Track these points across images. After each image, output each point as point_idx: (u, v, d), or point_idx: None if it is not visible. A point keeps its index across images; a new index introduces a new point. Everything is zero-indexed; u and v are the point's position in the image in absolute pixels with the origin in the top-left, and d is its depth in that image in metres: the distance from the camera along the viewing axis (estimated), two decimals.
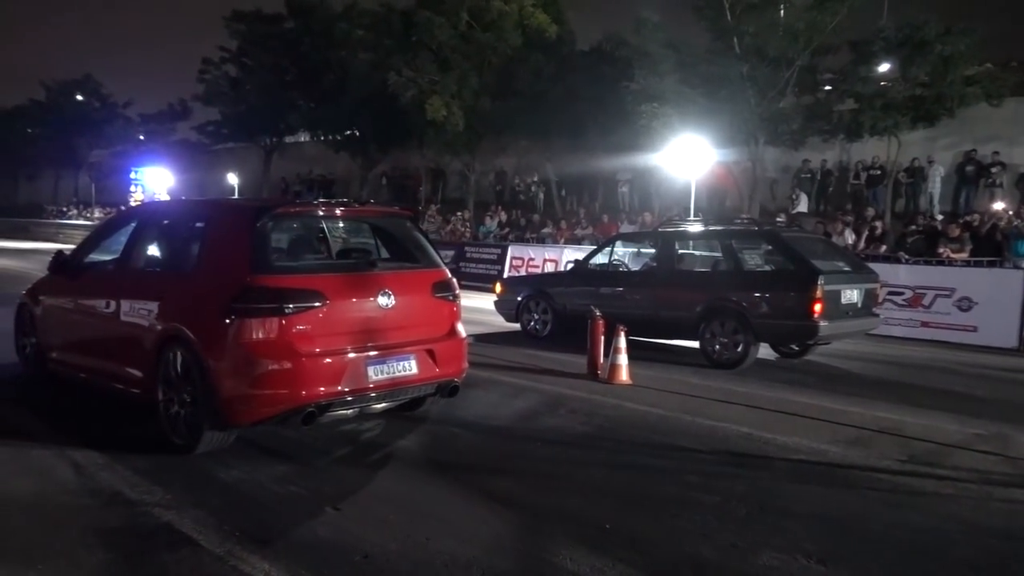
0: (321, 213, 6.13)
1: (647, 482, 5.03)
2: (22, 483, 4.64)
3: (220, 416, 5.04)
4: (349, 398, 5.19)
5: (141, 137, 46.94)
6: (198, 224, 5.93)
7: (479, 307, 13.87)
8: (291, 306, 4.99)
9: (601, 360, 8.24)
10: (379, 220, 6.36)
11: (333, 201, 6.29)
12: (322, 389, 5.05)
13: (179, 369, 5.27)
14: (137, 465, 4.97)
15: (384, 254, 6.17)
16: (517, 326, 11.24)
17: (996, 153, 18.33)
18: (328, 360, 5.10)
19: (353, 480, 4.90)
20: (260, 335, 4.94)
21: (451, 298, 6.00)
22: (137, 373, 5.68)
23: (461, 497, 4.63)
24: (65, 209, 45.76)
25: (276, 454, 5.40)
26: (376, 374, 5.30)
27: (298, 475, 4.92)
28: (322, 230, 6.51)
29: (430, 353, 5.64)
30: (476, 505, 4.50)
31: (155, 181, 34.90)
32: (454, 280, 6.08)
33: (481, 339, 10.62)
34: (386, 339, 5.42)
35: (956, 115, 17.59)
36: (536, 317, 11.02)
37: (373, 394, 5.33)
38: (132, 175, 36.42)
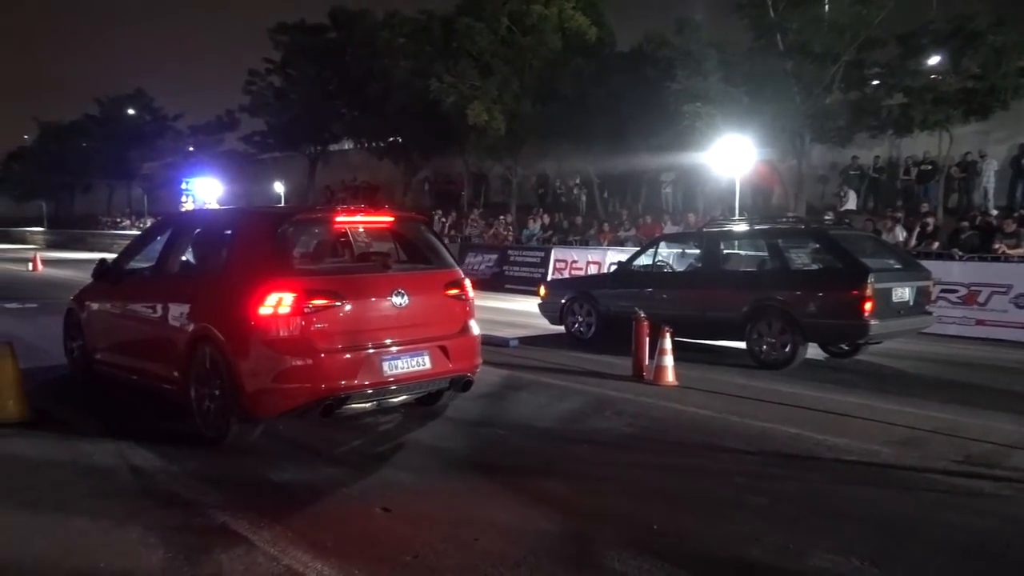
0: (339, 219, 6.38)
1: (695, 483, 5.01)
2: (85, 485, 4.80)
3: (245, 409, 5.39)
4: (366, 391, 5.48)
5: (190, 148, 48.08)
6: (225, 231, 6.38)
7: (523, 310, 13.92)
8: (310, 306, 5.32)
9: (646, 361, 8.20)
10: (395, 225, 6.62)
11: (351, 207, 6.55)
12: (340, 383, 5.34)
13: (209, 366, 5.61)
14: (191, 467, 5.12)
15: (402, 256, 6.52)
16: (561, 328, 11.24)
17: None
18: (345, 356, 5.41)
19: (402, 481, 4.97)
20: (281, 333, 5.27)
21: (463, 297, 6.26)
22: (172, 371, 6.02)
23: (509, 498, 4.66)
24: (119, 220, 47.09)
25: (327, 457, 5.50)
26: (391, 369, 5.58)
27: (348, 477, 5.00)
28: (345, 235, 6.72)
29: (443, 349, 5.90)
30: (524, 506, 4.52)
31: (205, 191, 35.69)
32: (466, 280, 6.36)
33: (526, 342, 10.66)
34: (401, 336, 5.71)
35: (1010, 107, 17.09)
36: (580, 319, 11.01)
37: (389, 388, 5.61)
38: (183, 185, 37.32)
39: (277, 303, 5.26)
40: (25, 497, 4.59)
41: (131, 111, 50.53)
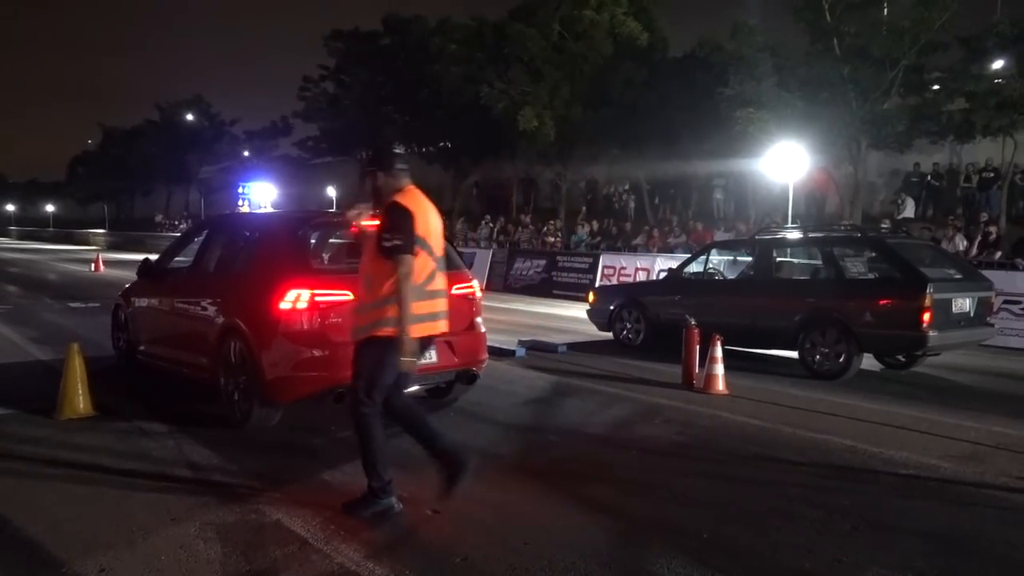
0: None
1: (746, 493, 4.95)
2: (148, 480, 4.96)
3: (266, 395, 5.87)
4: None
5: (246, 153, 49.18)
6: (254, 233, 7.02)
7: (572, 316, 13.92)
8: (324, 301, 5.79)
9: (696, 370, 8.13)
10: None
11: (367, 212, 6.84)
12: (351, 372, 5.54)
13: (236, 356, 6.13)
14: (250, 464, 5.24)
15: None
16: (610, 335, 11.21)
17: None
18: None
19: None
20: (299, 327, 5.77)
21: (470, 297, 6.67)
22: (204, 361, 6.56)
23: (558, 504, 4.66)
24: (177, 222, 48.33)
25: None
26: None
27: (399, 479, 5.01)
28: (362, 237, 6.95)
29: (449, 344, 6.21)
30: (573, 512, 4.53)
31: (261, 195, 36.45)
32: (475, 280, 6.82)
33: (574, 348, 10.65)
34: None
35: None
36: (629, 326, 10.95)
37: None
38: (240, 189, 38.17)
39: (295, 299, 5.74)
40: (91, 489, 4.76)
41: (190, 116, 51.90)
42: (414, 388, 6.17)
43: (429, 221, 4.44)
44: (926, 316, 8.10)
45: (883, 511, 4.62)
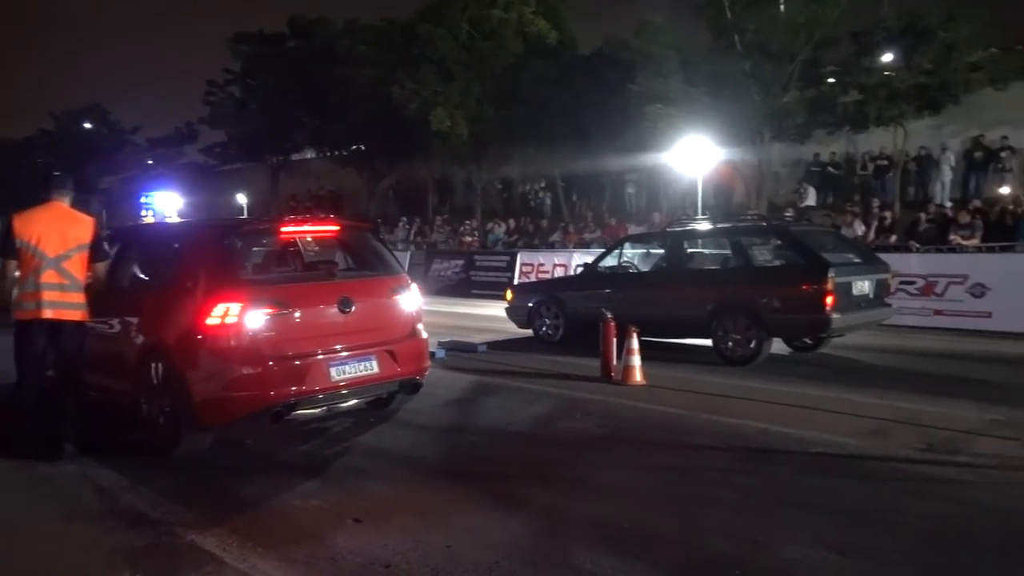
0: (285, 230, 6.41)
1: (666, 481, 5.05)
2: (51, 509, 4.69)
3: (195, 418, 5.46)
4: (315, 397, 5.57)
5: (150, 162, 47.34)
6: (173, 244, 6.51)
7: (491, 315, 13.93)
8: (256, 316, 5.41)
9: (614, 362, 8.25)
10: (341, 233, 6.67)
11: (297, 218, 6.61)
12: (288, 390, 5.43)
13: (159, 378, 5.68)
14: (159, 485, 5.02)
15: (349, 264, 6.64)
16: (529, 332, 11.26)
17: (1004, 138, 18.23)
18: (293, 363, 5.51)
19: (373, 491, 4.94)
20: (228, 343, 5.35)
21: (410, 302, 6.36)
22: (124, 384, 6.05)
23: (481, 503, 4.65)
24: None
25: (296, 469, 5.45)
26: (339, 374, 5.68)
27: (319, 489, 4.96)
28: (294, 244, 6.77)
29: (391, 353, 5.99)
30: (496, 511, 4.52)
31: (165, 204, 35.15)
32: (413, 285, 6.50)
33: (494, 346, 10.66)
34: (348, 342, 5.80)
35: (961, 102, 17.50)
36: (548, 322, 11.03)
37: (338, 392, 5.69)
38: (143, 199, 36.72)
39: (224, 313, 5.35)
40: None
41: (88, 125, 49.61)
42: (353, 402, 5.97)
43: (38, 229, 5.40)
44: (829, 300, 8.43)
45: (796, 490, 4.79)
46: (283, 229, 6.41)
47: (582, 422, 6.62)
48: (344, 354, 5.71)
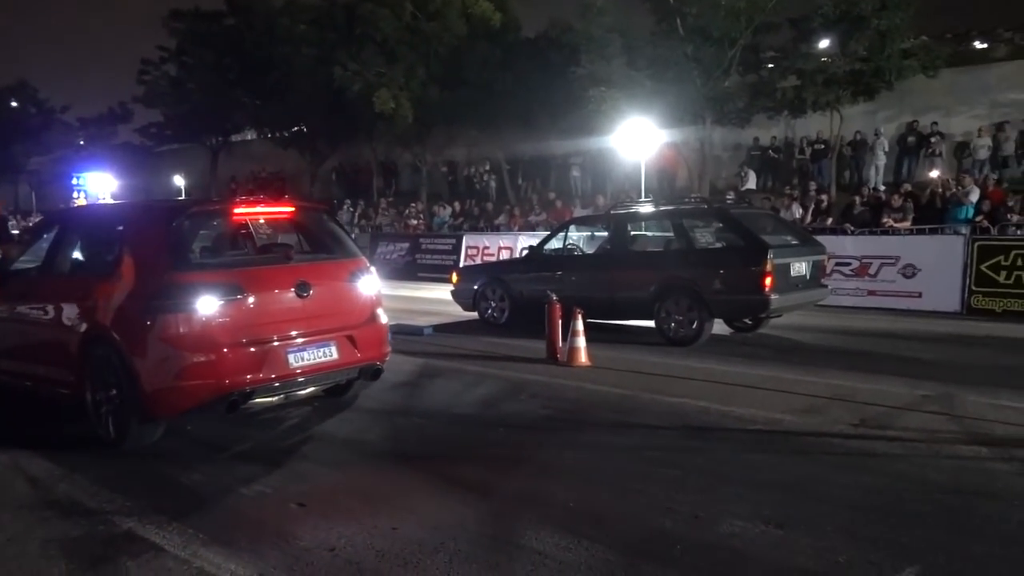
0: (237, 211, 6.23)
1: (609, 460, 5.12)
2: None
3: (146, 410, 5.24)
4: (272, 385, 5.40)
5: (81, 142, 45.70)
6: (117, 226, 6.07)
7: (437, 297, 13.89)
8: (209, 300, 5.18)
9: (560, 344, 8.32)
10: (296, 215, 6.49)
11: (249, 199, 6.38)
12: (244, 377, 5.25)
13: (106, 368, 5.42)
14: (96, 474, 4.90)
15: (305, 247, 6.43)
16: (475, 314, 11.27)
17: (935, 124, 18.87)
18: (249, 350, 5.30)
19: (318, 476, 4.90)
20: (179, 330, 5.11)
21: (369, 286, 6.18)
22: (67, 374, 5.78)
23: (427, 486, 4.66)
24: (4, 217, 44.33)
25: (239, 455, 5.37)
26: (297, 361, 5.51)
27: (262, 474, 4.90)
28: (245, 227, 6.59)
29: (350, 339, 5.84)
30: (442, 493, 4.53)
31: (98, 186, 34.02)
32: (372, 268, 6.31)
33: (440, 329, 10.64)
34: (306, 327, 5.63)
35: (895, 88, 18.03)
36: (493, 304, 11.06)
37: (296, 380, 5.53)
38: (74, 181, 35.45)
39: (175, 299, 5.09)
40: None
41: (14, 103, 47.57)
42: (311, 389, 5.84)
43: None
44: (767, 281, 8.63)
45: (734, 466, 4.91)
46: (236, 211, 6.21)
47: (527, 403, 6.66)
48: (302, 340, 5.54)
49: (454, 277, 11.96)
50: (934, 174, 17.13)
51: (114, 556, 3.74)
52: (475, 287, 11.30)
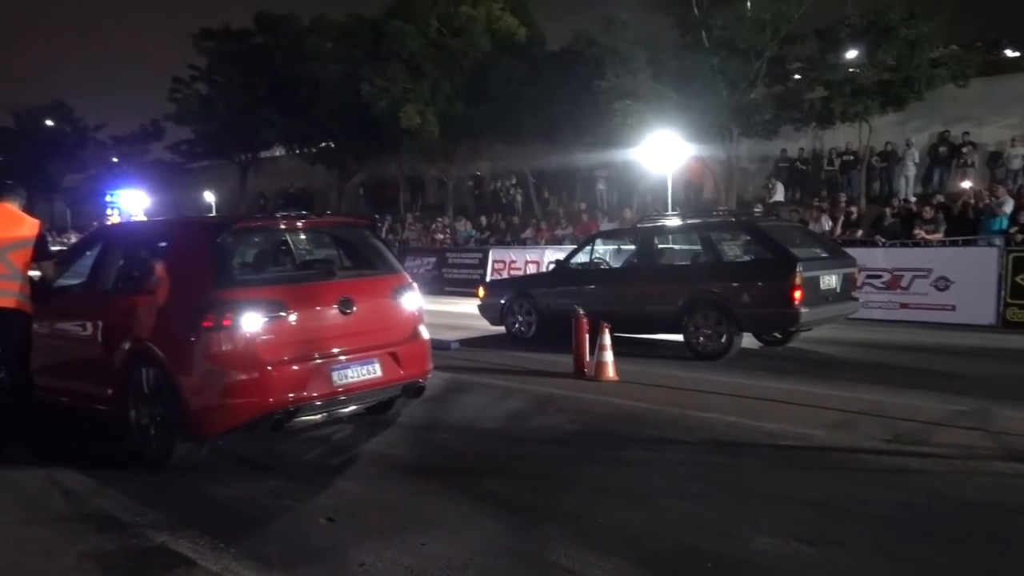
0: (280, 226, 6.21)
1: (638, 476, 5.08)
2: (15, 513, 4.62)
3: (191, 428, 5.21)
4: (316, 403, 5.36)
5: (115, 160, 46.57)
6: (161, 243, 6.07)
7: (464, 312, 13.91)
8: (253, 318, 5.14)
9: (587, 358, 8.30)
10: (337, 230, 6.53)
11: (292, 214, 6.37)
12: (288, 396, 5.20)
13: (150, 385, 5.41)
14: (129, 488, 4.96)
15: (346, 263, 6.37)
16: (502, 329, 11.28)
17: (966, 133, 18.60)
18: (293, 367, 5.25)
19: (346, 490, 4.92)
20: (224, 347, 5.09)
21: (412, 302, 6.13)
22: (111, 392, 5.76)
23: (455, 501, 4.66)
24: (44, 235, 45.12)
25: (268, 469, 5.41)
26: (341, 379, 5.46)
27: (291, 488, 4.93)
28: (285, 243, 6.58)
29: (393, 356, 5.79)
30: (470, 508, 4.53)
31: (131, 203, 34.63)
32: (414, 284, 6.25)
33: (467, 343, 10.66)
34: (349, 344, 5.58)
35: (924, 98, 17.82)
36: (520, 319, 11.06)
37: (339, 398, 5.49)
38: (108, 198, 36.13)
39: (219, 316, 5.06)
40: None
41: (49, 122, 48.63)
42: (353, 407, 5.81)
43: None
44: (797, 294, 8.55)
45: (765, 482, 4.86)
46: (278, 225, 6.17)
47: (555, 418, 6.65)
48: (345, 357, 5.50)
49: (481, 291, 11.99)
50: (966, 184, 16.89)
51: (148, 569, 3.78)
52: (502, 301, 11.31)
